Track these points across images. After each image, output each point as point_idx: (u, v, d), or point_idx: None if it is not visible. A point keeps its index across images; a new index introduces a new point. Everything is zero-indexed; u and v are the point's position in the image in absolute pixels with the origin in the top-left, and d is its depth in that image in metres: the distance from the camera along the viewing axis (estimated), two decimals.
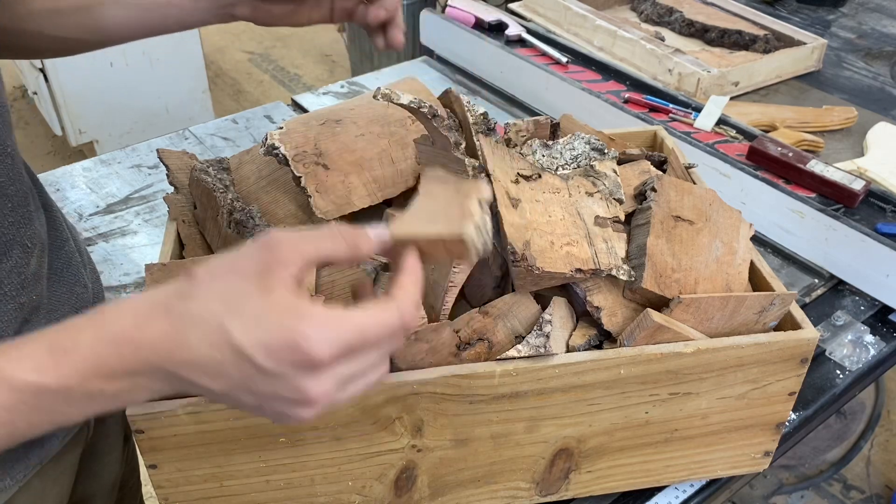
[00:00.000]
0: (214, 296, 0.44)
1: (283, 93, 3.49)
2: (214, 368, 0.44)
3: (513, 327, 0.65)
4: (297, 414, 0.45)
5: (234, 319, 0.43)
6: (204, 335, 0.43)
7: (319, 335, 0.42)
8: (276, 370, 0.43)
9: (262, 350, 0.42)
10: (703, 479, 0.78)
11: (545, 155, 0.72)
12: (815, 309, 1.03)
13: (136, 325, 0.44)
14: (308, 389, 0.43)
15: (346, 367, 0.44)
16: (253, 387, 0.44)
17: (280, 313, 0.43)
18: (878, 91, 1.47)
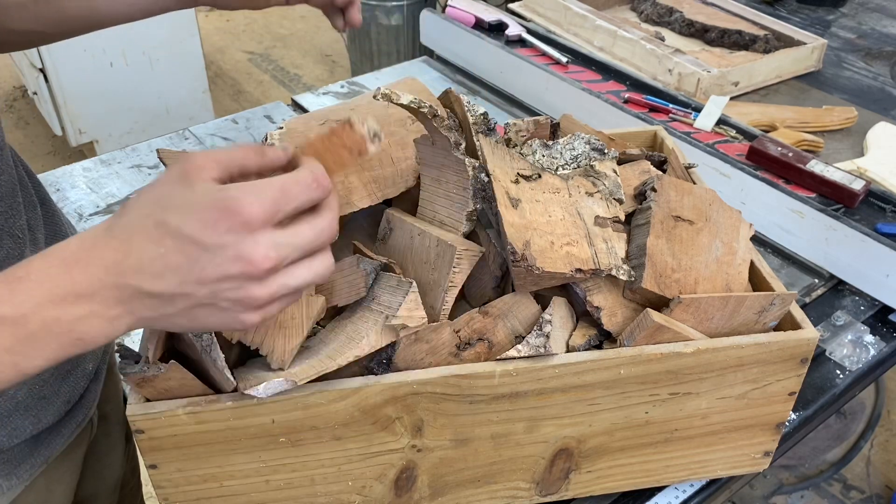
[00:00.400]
0: (145, 204, 0.46)
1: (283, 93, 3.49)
2: (161, 263, 0.45)
3: (513, 327, 0.65)
4: (248, 294, 0.46)
5: (167, 212, 0.45)
6: (145, 235, 0.45)
7: (246, 196, 0.45)
8: (216, 240, 0.45)
9: (198, 225, 0.45)
10: (703, 479, 0.78)
11: (545, 155, 0.72)
12: (815, 309, 1.03)
13: (82, 246, 0.46)
14: (250, 253, 0.45)
15: (280, 235, 0.46)
16: (200, 273, 0.45)
17: (206, 193, 0.46)
18: (878, 91, 1.47)
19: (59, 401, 0.67)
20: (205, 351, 0.58)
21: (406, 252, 0.67)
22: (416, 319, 0.60)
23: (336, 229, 0.50)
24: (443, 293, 0.63)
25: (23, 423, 0.63)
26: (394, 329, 0.60)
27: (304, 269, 0.49)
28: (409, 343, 0.62)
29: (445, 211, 0.68)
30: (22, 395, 0.63)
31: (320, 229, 0.49)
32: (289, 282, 0.48)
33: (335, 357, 0.59)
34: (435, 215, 0.69)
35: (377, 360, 0.62)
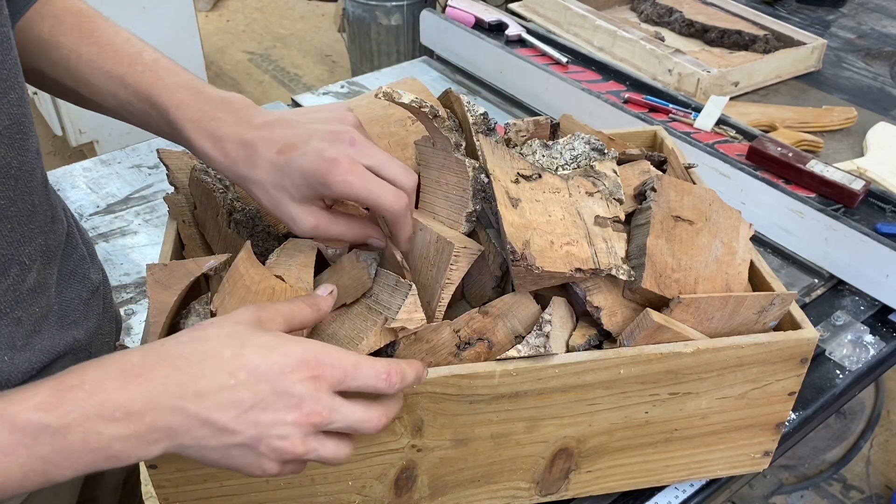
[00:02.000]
0: (223, 335, 0.49)
1: (283, 93, 3.49)
2: (228, 395, 0.46)
3: (513, 327, 0.65)
4: (288, 445, 0.48)
5: (246, 347, 0.48)
6: (220, 363, 0.47)
7: (326, 357, 0.49)
8: (288, 387, 0.47)
9: (277, 368, 0.47)
10: (703, 479, 0.78)
11: (545, 155, 0.72)
12: (815, 309, 1.03)
13: (145, 361, 0.46)
14: (308, 406, 0.48)
15: (338, 403, 0.50)
16: (260, 414, 0.47)
17: (286, 342, 0.49)
18: (878, 91, 1.47)
19: None
20: None
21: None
22: (415, 321, 0.60)
23: (380, 429, 0.53)
24: (440, 290, 0.63)
25: None
26: (393, 330, 0.60)
27: (333, 445, 0.51)
28: (408, 343, 0.62)
29: (445, 212, 0.68)
30: None
31: (369, 417, 0.51)
32: (318, 450, 0.50)
33: None
34: (434, 216, 0.69)
35: None
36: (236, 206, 0.72)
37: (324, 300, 0.59)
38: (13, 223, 0.57)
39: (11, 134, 0.55)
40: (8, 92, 0.54)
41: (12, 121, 0.55)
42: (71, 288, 0.67)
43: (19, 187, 0.57)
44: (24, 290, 0.59)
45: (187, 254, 0.74)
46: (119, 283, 1.04)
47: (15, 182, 0.57)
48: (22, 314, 0.59)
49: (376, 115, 0.77)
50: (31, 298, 0.60)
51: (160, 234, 1.11)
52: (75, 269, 0.69)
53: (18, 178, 0.57)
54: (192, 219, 0.75)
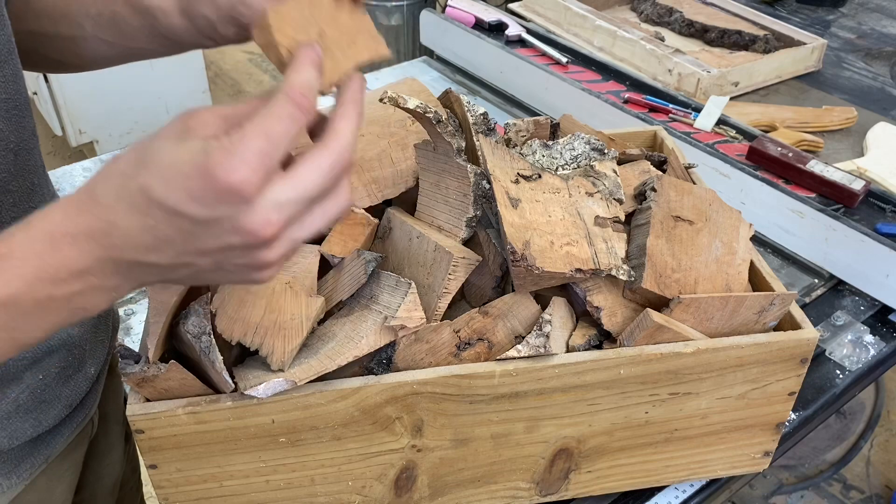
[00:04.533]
0: (132, 159, 0.41)
1: None
2: (152, 237, 0.41)
3: (513, 327, 0.65)
4: (259, 258, 0.42)
5: (150, 172, 0.40)
6: (130, 203, 0.40)
7: (230, 159, 0.39)
8: (207, 215, 0.40)
9: (184, 196, 0.39)
10: (703, 479, 0.78)
11: (545, 155, 0.72)
12: (815, 309, 1.03)
13: (66, 216, 0.42)
14: (250, 224, 0.40)
15: (281, 191, 0.41)
16: (198, 244, 0.41)
17: (190, 155, 0.40)
18: (878, 91, 1.47)
19: (60, 405, 0.67)
20: (203, 353, 0.58)
21: (404, 253, 0.67)
22: (415, 320, 0.60)
23: (349, 153, 0.43)
24: (437, 299, 0.63)
25: (23, 426, 0.63)
26: (392, 329, 0.60)
27: (316, 217, 0.43)
28: (408, 343, 0.62)
29: (444, 216, 0.68)
30: (23, 398, 0.63)
31: (328, 167, 0.42)
32: (299, 235, 0.43)
33: (334, 357, 0.59)
34: (433, 220, 0.69)
35: (377, 360, 0.62)
36: None
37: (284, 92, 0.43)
38: (15, 198, 0.58)
39: (9, 108, 0.56)
40: (3, 66, 0.55)
41: (8, 95, 0.56)
42: None
43: (19, 162, 0.58)
44: None
45: None
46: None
47: (14, 157, 0.57)
48: None
49: (376, 116, 0.77)
50: None
51: None
52: None
53: (18, 153, 0.57)
54: None
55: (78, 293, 0.42)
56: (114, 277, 0.42)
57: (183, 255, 0.42)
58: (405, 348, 0.62)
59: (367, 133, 0.75)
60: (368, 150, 0.74)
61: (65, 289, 0.42)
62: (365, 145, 0.74)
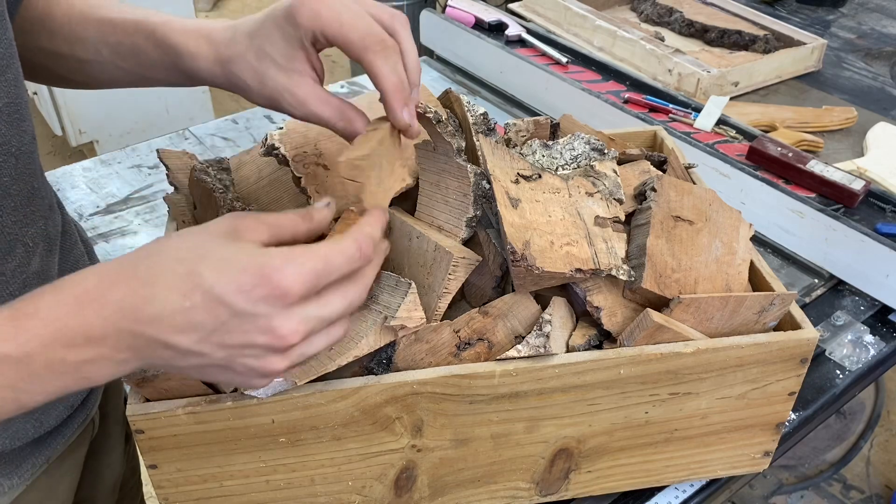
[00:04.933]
0: (183, 248, 0.45)
1: None
2: (184, 318, 0.43)
3: (513, 327, 0.65)
4: (267, 365, 0.45)
5: (203, 263, 0.43)
6: (173, 284, 0.43)
7: (289, 266, 0.44)
8: (248, 308, 0.43)
9: (233, 287, 0.43)
10: (703, 479, 0.78)
11: (545, 155, 0.72)
12: (815, 309, 1.03)
13: (99, 284, 0.44)
14: (281, 328, 0.44)
15: (314, 309, 0.46)
16: (225, 336, 0.44)
17: (248, 254, 0.44)
18: (878, 91, 1.47)
19: (61, 405, 0.67)
20: None
21: (404, 253, 0.67)
22: (415, 320, 0.60)
23: (364, 297, 0.50)
24: (436, 299, 0.63)
25: (24, 427, 0.63)
26: (392, 329, 0.60)
27: (322, 338, 0.48)
28: (408, 343, 0.62)
29: (444, 216, 0.68)
30: None
31: (350, 301, 0.48)
32: (306, 351, 0.47)
33: (334, 357, 0.59)
34: (433, 220, 0.69)
35: (377, 360, 0.62)
36: (236, 206, 0.72)
37: (318, 211, 0.52)
38: (16, 202, 0.58)
39: (10, 112, 0.56)
40: (5, 71, 0.55)
41: (10, 100, 0.56)
42: None
43: (19, 166, 0.58)
44: (31, 274, 0.60)
45: None
46: None
47: (15, 161, 0.57)
48: None
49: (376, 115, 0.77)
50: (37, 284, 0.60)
51: (160, 234, 1.11)
52: (76, 265, 0.69)
53: (18, 157, 0.58)
54: (192, 219, 0.75)
55: (88, 361, 0.43)
56: (126, 351, 0.44)
57: (203, 344, 0.44)
58: (405, 348, 0.62)
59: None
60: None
61: (77, 354, 0.43)
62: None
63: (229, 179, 0.76)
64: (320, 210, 0.52)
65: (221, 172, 0.76)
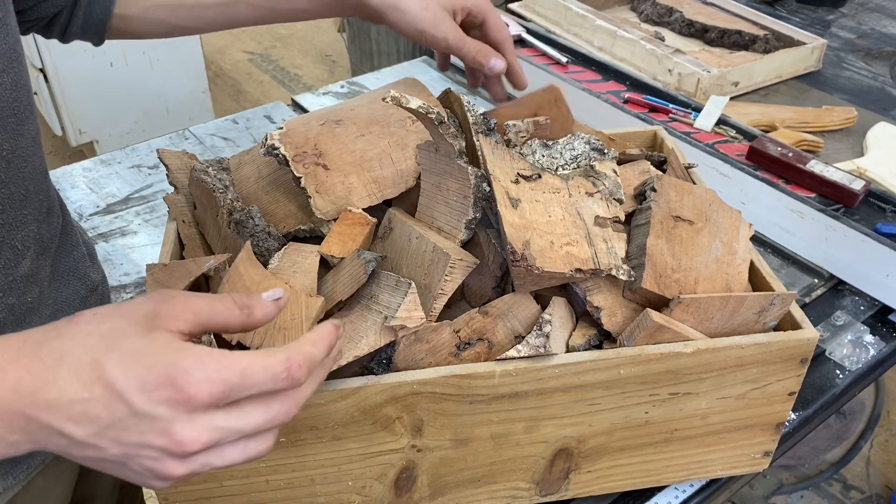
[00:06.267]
0: (94, 333, 0.42)
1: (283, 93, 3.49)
2: (81, 409, 0.40)
3: (513, 327, 0.65)
4: (164, 468, 0.42)
5: (110, 354, 0.41)
6: (75, 371, 0.40)
7: (199, 371, 0.40)
8: (148, 409, 0.40)
9: (136, 385, 0.40)
10: (703, 479, 0.78)
11: (545, 155, 0.72)
12: (815, 309, 1.03)
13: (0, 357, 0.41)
14: (180, 433, 0.41)
15: (225, 419, 0.42)
16: (121, 433, 0.41)
17: (160, 349, 0.41)
18: (878, 91, 1.47)
19: None
20: None
21: (403, 253, 0.67)
22: (414, 320, 0.60)
23: (293, 414, 0.45)
24: (433, 300, 0.63)
25: None
26: (392, 329, 0.60)
27: (236, 450, 0.44)
28: (408, 343, 0.62)
29: (444, 217, 0.68)
30: None
31: (273, 416, 0.43)
32: (213, 461, 0.43)
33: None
34: (433, 221, 0.69)
35: (377, 360, 0.62)
36: (236, 206, 0.72)
37: (261, 305, 0.47)
38: (4, 205, 0.58)
39: (3, 117, 0.56)
40: (2, 74, 0.55)
41: (5, 104, 0.56)
42: (69, 284, 0.68)
43: (11, 170, 0.58)
44: (18, 277, 0.60)
45: (187, 254, 0.74)
46: (119, 283, 1.04)
47: (7, 164, 0.57)
48: (15, 302, 0.60)
49: (376, 115, 0.77)
50: (25, 287, 0.60)
51: (160, 234, 1.11)
52: (75, 267, 0.69)
53: (11, 161, 0.58)
54: (192, 219, 0.76)
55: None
56: (18, 433, 0.41)
57: (99, 438, 0.41)
58: (405, 348, 0.62)
59: (367, 133, 0.75)
60: (368, 150, 0.74)
61: None
62: (365, 145, 0.74)
63: (229, 179, 0.76)
64: (263, 304, 0.47)
65: (221, 172, 0.76)
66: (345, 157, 0.73)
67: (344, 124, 0.76)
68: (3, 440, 0.41)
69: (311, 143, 0.73)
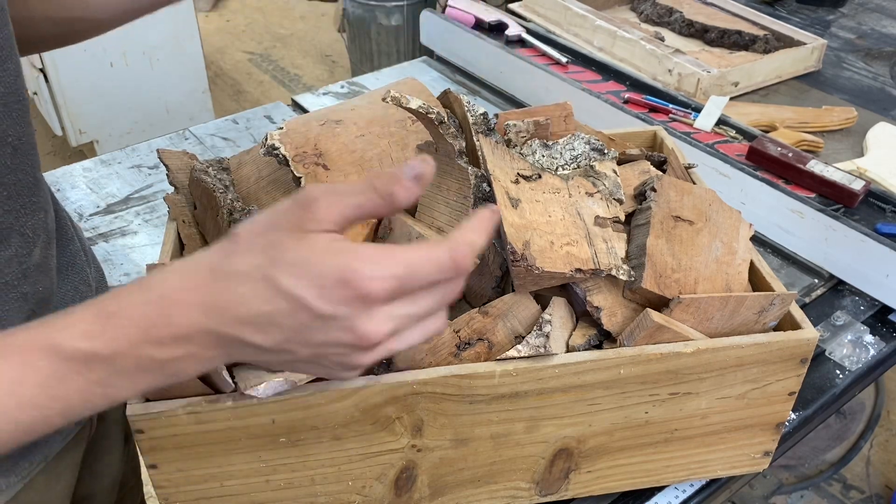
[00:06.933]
0: (256, 251, 0.44)
1: (283, 93, 3.49)
2: (267, 321, 0.43)
3: (513, 327, 0.65)
4: (354, 360, 0.45)
5: (277, 268, 0.43)
6: (252, 290, 0.43)
7: (370, 269, 0.42)
8: (330, 311, 0.43)
9: (313, 292, 0.42)
10: (703, 479, 0.78)
11: (545, 155, 0.72)
12: (815, 309, 1.03)
13: (182, 286, 0.44)
14: (364, 328, 0.43)
15: (400, 307, 0.44)
16: (309, 337, 0.44)
17: (325, 254, 0.43)
18: (878, 91, 1.47)
19: None
20: None
21: None
22: None
23: (460, 290, 0.47)
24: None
25: None
26: None
27: (415, 333, 0.47)
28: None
29: (445, 217, 0.68)
30: None
31: (443, 298, 0.46)
32: (396, 347, 0.46)
33: None
34: (433, 221, 0.69)
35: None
36: (236, 206, 0.72)
37: (402, 188, 0.45)
38: (10, 191, 0.58)
39: (8, 102, 0.56)
40: (5, 61, 0.55)
41: (9, 90, 0.56)
42: (69, 280, 0.68)
43: (18, 156, 0.58)
44: (31, 266, 0.60)
45: (187, 254, 0.74)
46: (119, 284, 1.04)
47: (13, 150, 0.57)
48: (29, 290, 0.60)
49: (376, 115, 0.77)
50: (37, 276, 0.60)
51: (160, 234, 1.11)
52: (72, 262, 0.69)
53: (17, 147, 0.57)
54: (192, 219, 0.76)
55: (177, 359, 0.44)
56: (213, 349, 0.45)
57: (288, 343, 0.44)
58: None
59: (367, 133, 0.75)
60: (368, 150, 0.74)
61: (165, 353, 0.44)
62: (365, 145, 0.74)
63: (229, 179, 0.76)
64: (407, 186, 0.45)
65: (221, 172, 0.76)
66: (345, 157, 0.73)
67: (344, 124, 0.76)
68: (200, 357, 0.45)
69: (311, 143, 0.73)
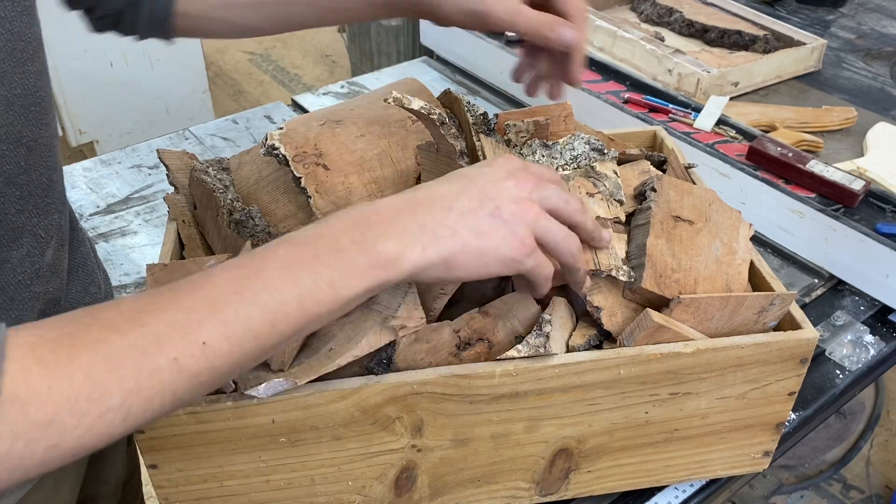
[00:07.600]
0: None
1: (283, 93, 3.49)
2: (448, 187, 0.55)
3: (513, 327, 0.65)
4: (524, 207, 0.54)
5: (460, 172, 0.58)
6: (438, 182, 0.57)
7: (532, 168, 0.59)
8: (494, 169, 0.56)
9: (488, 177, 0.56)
10: (703, 479, 0.78)
11: (545, 155, 0.72)
12: (815, 309, 1.03)
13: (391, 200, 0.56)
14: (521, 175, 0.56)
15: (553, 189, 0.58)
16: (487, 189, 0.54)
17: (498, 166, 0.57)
18: (878, 91, 1.47)
19: None
20: None
21: None
22: (415, 319, 0.60)
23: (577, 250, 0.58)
24: (432, 300, 0.63)
25: None
26: (392, 329, 0.60)
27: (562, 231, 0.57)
28: (408, 343, 0.62)
29: None
30: None
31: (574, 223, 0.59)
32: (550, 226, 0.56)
33: (334, 357, 0.59)
34: None
35: (377, 360, 0.62)
36: (236, 206, 0.72)
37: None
38: (23, 191, 0.57)
39: (25, 104, 0.56)
40: (26, 63, 0.55)
41: (27, 91, 0.55)
42: (79, 281, 0.68)
43: (32, 157, 0.58)
44: (44, 266, 0.60)
45: (187, 254, 0.74)
46: (119, 283, 1.04)
47: (27, 151, 0.57)
48: (41, 290, 0.60)
49: (376, 115, 0.77)
50: (49, 276, 0.61)
51: (160, 234, 1.11)
52: (83, 263, 0.69)
53: (32, 148, 0.57)
54: (192, 219, 0.76)
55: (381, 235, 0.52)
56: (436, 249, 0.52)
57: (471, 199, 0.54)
58: (405, 348, 0.62)
59: (367, 133, 0.75)
60: (368, 151, 0.74)
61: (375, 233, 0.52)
62: (365, 145, 0.74)
63: (229, 179, 0.76)
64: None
65: (221, 172, 0.76)
66: (345, 157, 0.73)
67: (344, 124, 0.76)
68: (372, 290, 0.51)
69: (311, 143, 0.73)
